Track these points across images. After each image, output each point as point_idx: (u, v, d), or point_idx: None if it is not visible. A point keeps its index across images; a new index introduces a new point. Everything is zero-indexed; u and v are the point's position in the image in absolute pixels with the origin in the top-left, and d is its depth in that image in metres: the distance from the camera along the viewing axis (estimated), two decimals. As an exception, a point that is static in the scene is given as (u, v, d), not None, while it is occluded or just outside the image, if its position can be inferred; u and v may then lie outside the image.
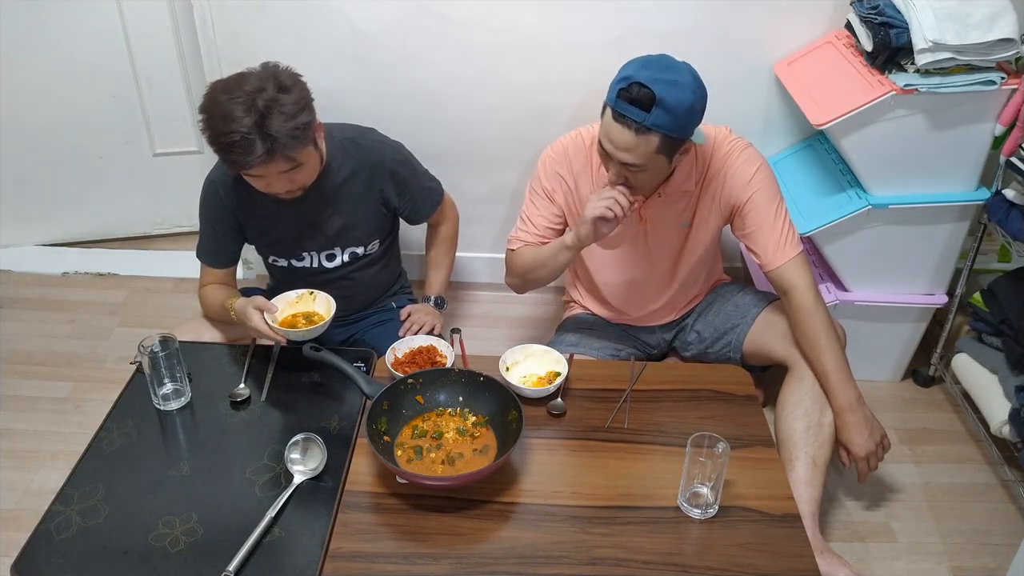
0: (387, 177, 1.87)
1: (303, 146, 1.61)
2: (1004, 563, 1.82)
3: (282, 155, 1.56)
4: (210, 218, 1.84)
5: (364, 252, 1.93)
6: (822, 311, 1.73)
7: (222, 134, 1.53)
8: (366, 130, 1.91)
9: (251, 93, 1.54)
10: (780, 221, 1.74)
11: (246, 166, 1.57)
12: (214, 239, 1.86)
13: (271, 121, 1.52)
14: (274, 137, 1.53)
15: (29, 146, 2.65)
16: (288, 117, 1.54)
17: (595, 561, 1.30)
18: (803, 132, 2.39)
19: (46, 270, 2.75)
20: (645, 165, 1.58)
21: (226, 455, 1.47)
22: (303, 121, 1.58)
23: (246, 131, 1.51)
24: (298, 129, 1.56)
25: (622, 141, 1.55)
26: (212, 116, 1.55)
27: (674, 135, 1.54)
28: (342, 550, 1.30)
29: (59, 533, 1.31)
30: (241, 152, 1.53)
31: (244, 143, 1.52)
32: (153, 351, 1.52)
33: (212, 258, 1.87)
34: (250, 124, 1.51)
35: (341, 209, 1.84)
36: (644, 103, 1.50)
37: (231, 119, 1.52)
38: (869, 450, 1.69)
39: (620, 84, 1.53)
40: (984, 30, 1.81)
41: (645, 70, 1.52)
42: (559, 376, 1.62)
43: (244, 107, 1.52)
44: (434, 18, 2.23)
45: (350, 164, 1.82)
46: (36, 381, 2.30)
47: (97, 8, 2.48)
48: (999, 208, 1.96)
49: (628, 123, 1.52)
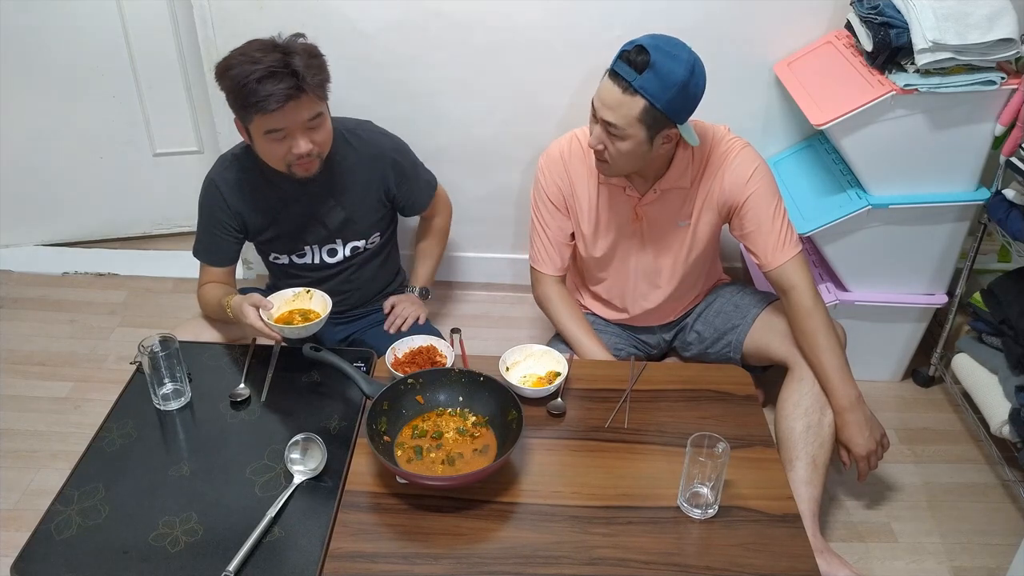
0: (388, 166, 1.89)
1: (324, 93, 1.65)
2: (1004, 563, 1.82)
3: (310, 91, 1.59)
4: (210, 217, 1.84)
5: (365, 246, 1.93)
6: (821, 310, 1.73)
7: (248, 74, 1.55)
8: (363, 122, 1.93)
9: (268, 42, 1.60)
10: (779, 221, 1.74)
11: (275, 102, 1.57)
12: (214, 238, 1.86)
13: (295, 58, 1.57)
14: (299, 73, 1.57)
15: (29, 146, 2.65)
16: (310, 56, 1.60)
17: (595, 561, 1.30)
18: (803, 132, 2.39)
19: (46, 270, 2.75)
20: (624, 130, 1.59)
21: (226, 455, 1.47)
22: (322, 63, 1.63)
23: (273, 64, 1.55)
24: (319, 71, 1.61)
25: (609, 98, 1.58)
26: (233, 65, 1.58)
27: (659, 107, 1.55)
28: (342, 550, 1.30)
29: (59, 533, 1.31)
30: (271, 84, 1.55)
31: (272, 75, 1.55)
32: (153, 351, 1.52)
33: (211, 257, 1.87)
34: (275, 59, 1.56)
35: (343, 200, 1.85)
36: (639, 66, 1.53)
37: (254, 61, 1.56)
38: (869, 449, 1.69)
39: (625, 47, 1.57)
40: (984, 30, 1.81)
41: (652, 39, 1.56)
42: (559, 376, 1.62)
43: (265, 49, 1.58)
44: (434, 18, 2.23)
45: (352, 155, 1.84)
46: (36, 381, 2.30)
47: (97, 8, 2.48)
48: (999, 208, 1.96)
49: (619, 81, 1.56)
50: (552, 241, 1.90)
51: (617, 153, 1.64)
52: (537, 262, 1.94)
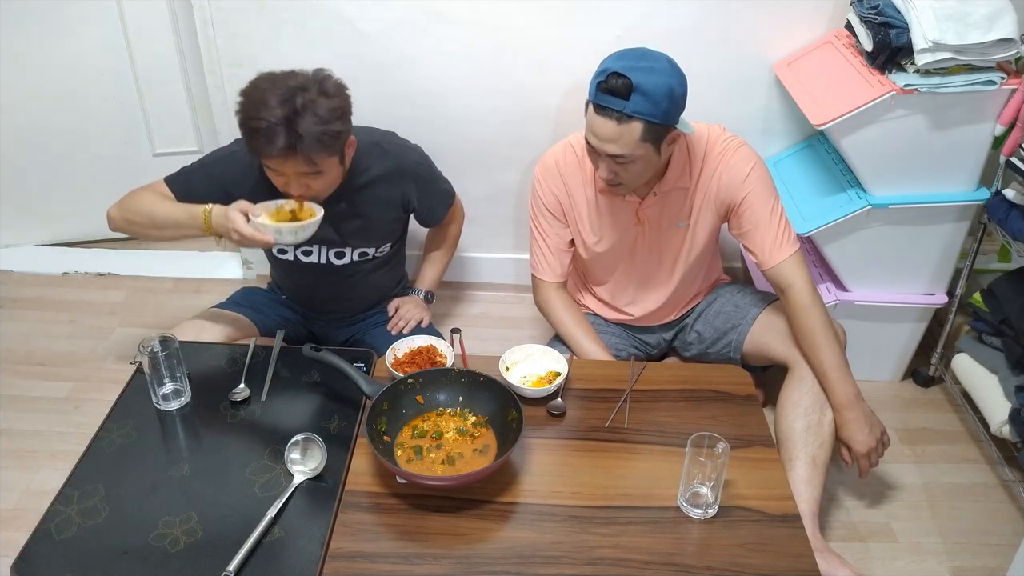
0: (409, 179, 1.87)
1: (328, 154, 1.60)
2: (1004, 563, 1.82)
3: (303, 155, 1.55)
4: (212, 172, 1.77)
5: (374, 254, 1.93)
6: (819, 308, 1.73)
7: (251, 117, 1.54)
8: (388, 133, 1.91)
9: (292, 88, 1.55)
10: (776, 219, 1.75)
11: (265, 155, 1.56)
12: (206, 177, 1.77)
13: (302, 120, 1.53)
14: (300, 135, 1.53)
15: (29, 146, 2.65)
16: (320, 121, 1.54)
17: (595, 561, 1.30)
18: (803, 132, 2.39)
19: (46, 270, 2.75)
20: (632, 155, 1.59)
21: (226, 455, 1.47)
22: (334, 129, 1.57)
23: (275, 121, 1.52)
24: (327, 135, 1.56)
25: (605, 132, 1.56)
26: (248, 98, 1.56)
27: (657, 121, 1.55)
28: (342, 550, 1.30)
29: (59, 533, 1.31)
30: (264, 140, 1.53)
31: (269, 131, 1.52)
32: (153, 351, 1.52)
33: (187, 186, 1.77)
34: (280, 116, 1.52)
35: (361, 210, 1.83)
36: (623, 92, 1.52)
37: (264, 106, 1.53)
38: (869, 446, 1.69)
39: (598, 78, 1.56)
40: (984, 30, 1.81)
41: (621, 61, 1.55)
42: (559, 376, 1.62)
43: (280, 98, 1.53)
44: (434, 18, 2.23)
45: (375, 167, 1.82)
46: (36, 381, 2.29)
47: (97, 8, 2.48)
48: (999, 208, 1.96)
49: (609, 114, 1.54)
50: (552, 249, 1.90)
51: (631, 176, 1.65)
52: (537, 270, 1.94)
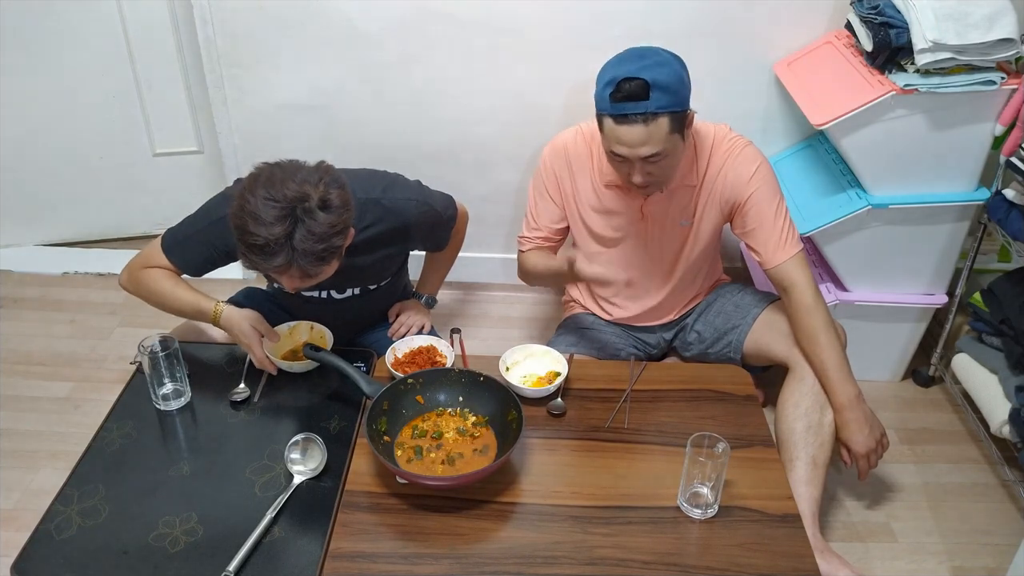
0: (412, 229, 1.79)
1: (326, 265, 1.52)
2: (1004, 563, 1.82)
3: (299, 268, 1.47)
4: (209, 234, 1.69)
5: (376, 287, 1.91)
6: (822, 309, 1.73)
7: (248, 233, 1.43)
8: (389, 184, 1.77)
9: (291, 200, 1.43)
10: (780, 219, 1.75)
11: (262, 270, 1.50)
12: (198, 250, 1.71)
13: (300, 235, 1.43)
14: (296, 250, 1.44)
15: (29, 146, 2.65)
16: (318, 239, 1.44)
17: (595, 561, 1.30)
18: (803, 132, 2.39)
19: (46, 270, 2.75)
20: (664, 150, 1.59)
21: (226, 455, 1.47)
22: (334, 244, 1.48)
23: (272, 239, 1.42)
24: (325, 251, 1.47)
25: (634, 138, 1.56)
26: (243, 210, 1.44)
27: (679, 109, 1.56)
28: (342, 550, 1.30)
29: (59, 533, 1.31)
30: (260, 257, 1.45)
31: (267, 250, 1.43)
32: (153, 351, 1.52)
33: (181, 260, 1.71)
34: (278, 233, 1.42)
35: (359, 263, 1.76)
36: (641, 93, 1.51)
37: (261, 223, 1.42)
38: (869, 447, 1.69)
39: (608, 88, 1.55)
40: (984, 30, 1.81)
41: (623, 65, 1.55)
42: (559, 376, 1.62)
43: (278, 214, 1.42)
44: (434, 18, 2.23)
45: (375, 227, 1.73)
46: (36, 381, 2.29)
47: (97, 8, 2.48)
48: (999, 208, 1.96)
49: (633, 119, 1.53)
50: (540, 227, 1.90)
51: (665, 171, 1.66)
52: (521, 244, 1.95)
